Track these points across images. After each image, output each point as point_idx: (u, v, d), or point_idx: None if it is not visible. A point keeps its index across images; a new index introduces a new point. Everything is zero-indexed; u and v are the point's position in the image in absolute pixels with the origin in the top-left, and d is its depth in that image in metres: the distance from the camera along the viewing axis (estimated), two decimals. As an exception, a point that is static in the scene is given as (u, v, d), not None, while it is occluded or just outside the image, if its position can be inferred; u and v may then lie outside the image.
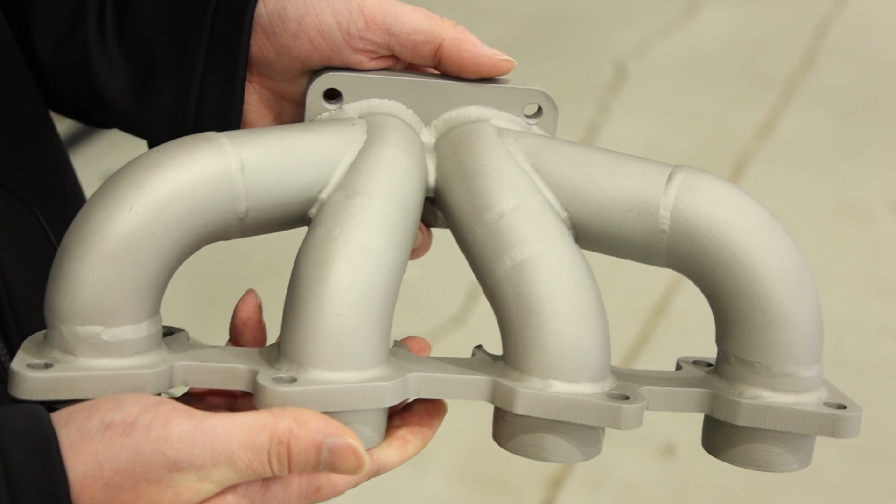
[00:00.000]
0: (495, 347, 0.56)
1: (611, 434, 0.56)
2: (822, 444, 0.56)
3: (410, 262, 0.55)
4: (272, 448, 0.46)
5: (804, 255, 0.56)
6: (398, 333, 0.56)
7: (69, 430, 0.46)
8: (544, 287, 0.52)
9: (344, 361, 0.51)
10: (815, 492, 1.68)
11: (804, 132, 2.71)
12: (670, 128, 2.68)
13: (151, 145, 0.61)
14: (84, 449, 0.45)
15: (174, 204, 0.50)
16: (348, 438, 0.46)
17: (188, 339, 0.55)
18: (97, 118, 0.64)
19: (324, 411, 0.49)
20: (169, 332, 0.55)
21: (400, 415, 0.55)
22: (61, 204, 0.64)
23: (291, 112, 0.60)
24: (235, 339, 0.57)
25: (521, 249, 0.53)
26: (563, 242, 0.53)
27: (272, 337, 0.56)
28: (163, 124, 0.60)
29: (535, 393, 0.52)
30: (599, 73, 2.92)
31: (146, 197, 0.50)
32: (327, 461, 0.46)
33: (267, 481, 0.49)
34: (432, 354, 0.57)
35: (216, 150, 0.52)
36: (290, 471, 0.46)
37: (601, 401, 0.51)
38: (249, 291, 0.57)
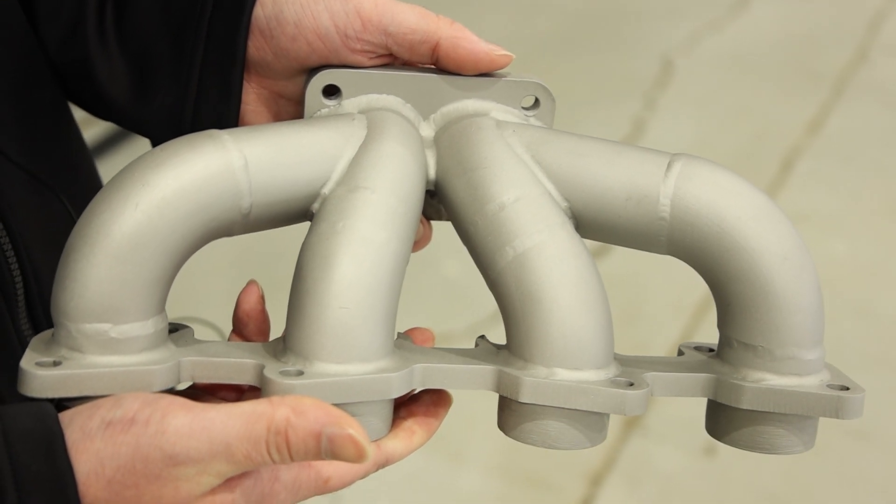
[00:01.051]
0: None
1: (652, 432, 0.57)
2: (869, 446, 0.55)
3: (451, 258, 0.55)
4: (270, 438, 0.46)
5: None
6: (439, 328, 0.56)
7: (72, 430, 0.46)
8: (546, 276, 0.53)
9: (350, 354, 0.51)
10: (860, 493, 1.65)
11: (855, 128, 2.68)
12: (718, 123, 2.65)
13: (154, 144, 0.62)
14: (86, 448, 0.46)
15: (179, 201, 0.51)
16: (347, 428, 0.45)
17: (193, 336, 0.56)
18: (102, 114, 0.65)
19: (332, 404, 0.49)
20: (174, 328, 0.56)
21: (406, 406, 0.55)
22: (85, 191, 0.66)
23: (290, 110, 0.60)
24: (239, 330, 0.57)
25: (522, 240, 0.53)
26: (564, 232, 0.54)
27: (276, 328, 0.56)
28: (161, 125, 0.61)
29: (539, 381, 0.52)
30: (647, 68, 2.90)
31: (151, 195, 0.51)
32: (328, 450, 0.46)
33: (276, 473, 0.49)
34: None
35: (219, 147, 0.52)
36: (291, 460, 0.46)
37: (605, 387, 0.52)
38: (251, 282, 0.57)
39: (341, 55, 0.57)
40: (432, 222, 0.61)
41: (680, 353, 0.59)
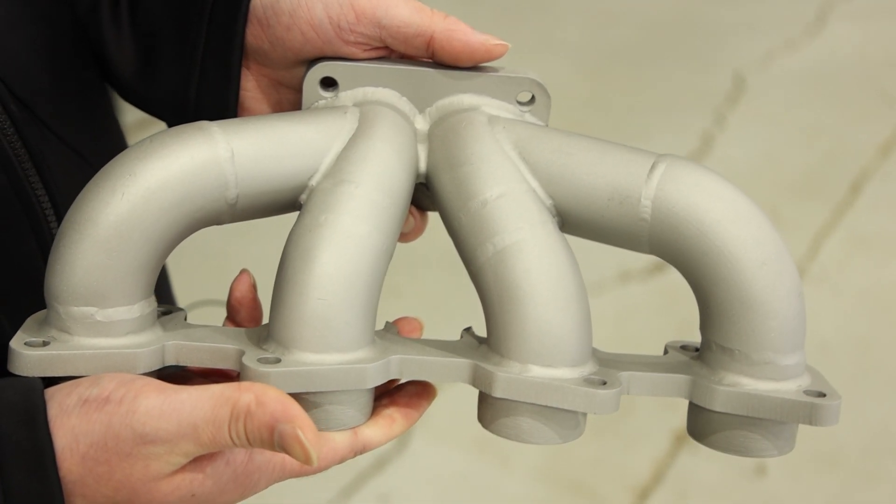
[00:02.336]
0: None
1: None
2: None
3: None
4: (231, 423, 0.47)
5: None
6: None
7: (50, 406, 0.48)
8: (525, 274, 0.53)
9: (327, 344, 0.52)
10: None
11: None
12: (788, 142, 2.62)
13: (169, 125, 0.64)
14: (63, 424, 0.48)
15: (164, 191, 0.52)
16: (297, 429, 0.46)
17: (185, 319, 0.57)
18: (120, 94, 0.67)
19: (307, 392, 0.52)
20: (166, 311, 0.57)
21: (389, 395, 0.56)
22: None
23: (290, 98, 0.61)
24: (232, 316, 0.59)
25: (503, 237, 0.54)
26: (545, 230, 0.54)
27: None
28: (166, 105, 0.63)
29: (512, 377, 0.53)
30: (719, 83, 2.87)
31: (137, 185, 0.52)
32: (280, 444, 0.47)
33: (250, 454, 0.51)
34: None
35: (207, 139, 0.54)
36: (250, 445, 0.48)
37: (577, 385, 0.53)
38: (244, 271, 0.59)
39: (335, 46, 0.58)
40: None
41: (665, 351, 0.60)
